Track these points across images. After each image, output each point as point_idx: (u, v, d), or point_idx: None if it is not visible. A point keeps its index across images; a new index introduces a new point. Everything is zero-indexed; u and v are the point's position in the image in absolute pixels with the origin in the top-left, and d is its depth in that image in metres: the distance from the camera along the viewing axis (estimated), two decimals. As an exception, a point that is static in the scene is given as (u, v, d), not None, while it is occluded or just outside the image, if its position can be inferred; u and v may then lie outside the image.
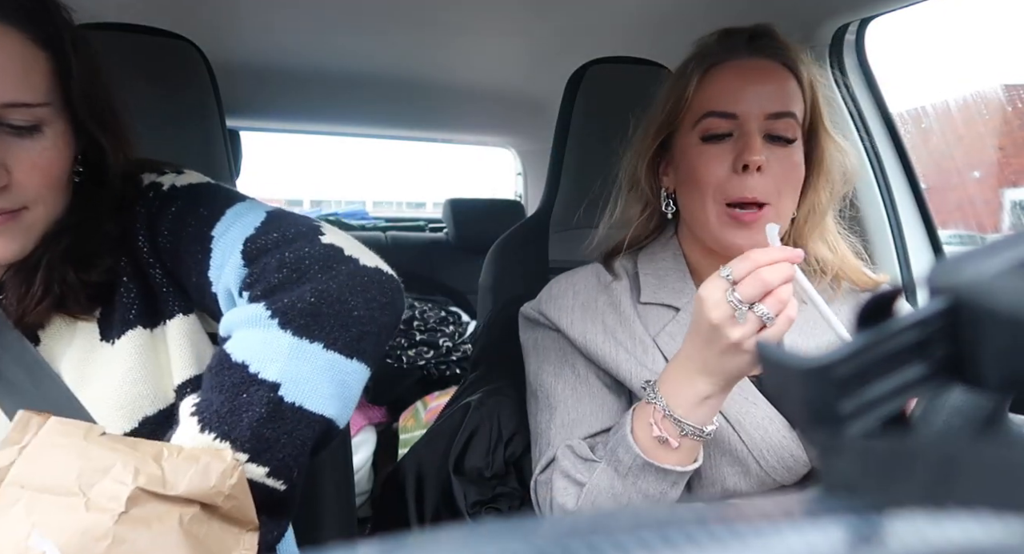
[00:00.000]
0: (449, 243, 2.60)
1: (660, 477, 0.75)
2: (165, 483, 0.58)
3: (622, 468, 0.77)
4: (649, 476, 0.75)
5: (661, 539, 0.16)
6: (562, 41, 1.58)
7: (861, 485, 0.20)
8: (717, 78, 0.84)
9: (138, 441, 0.61)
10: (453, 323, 2.25)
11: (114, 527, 0.55)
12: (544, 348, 0.92)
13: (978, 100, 1.78)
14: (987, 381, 0.20)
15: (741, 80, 0.82)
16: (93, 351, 0.72)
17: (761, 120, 0.81)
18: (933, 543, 0.15)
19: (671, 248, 0.93)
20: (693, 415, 0.73)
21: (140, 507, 0.57)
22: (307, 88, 1.95)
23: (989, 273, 0.20)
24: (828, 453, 0.22)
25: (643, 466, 0.75)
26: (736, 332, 0.67)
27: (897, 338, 0.22)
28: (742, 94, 0.81)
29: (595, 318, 0.89)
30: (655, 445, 0.75)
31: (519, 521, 0.18)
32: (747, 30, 0.85)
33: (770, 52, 0.84)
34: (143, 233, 0.74)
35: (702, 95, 0.84)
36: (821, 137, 0.86)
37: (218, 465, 0.60)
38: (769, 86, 0.82)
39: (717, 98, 0.82)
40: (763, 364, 0.24)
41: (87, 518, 0.56)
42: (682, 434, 0.74)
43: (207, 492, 0.59)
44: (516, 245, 1.25)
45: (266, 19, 1.44)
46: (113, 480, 0.57)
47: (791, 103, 0.83)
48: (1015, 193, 2.33)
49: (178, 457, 0.60)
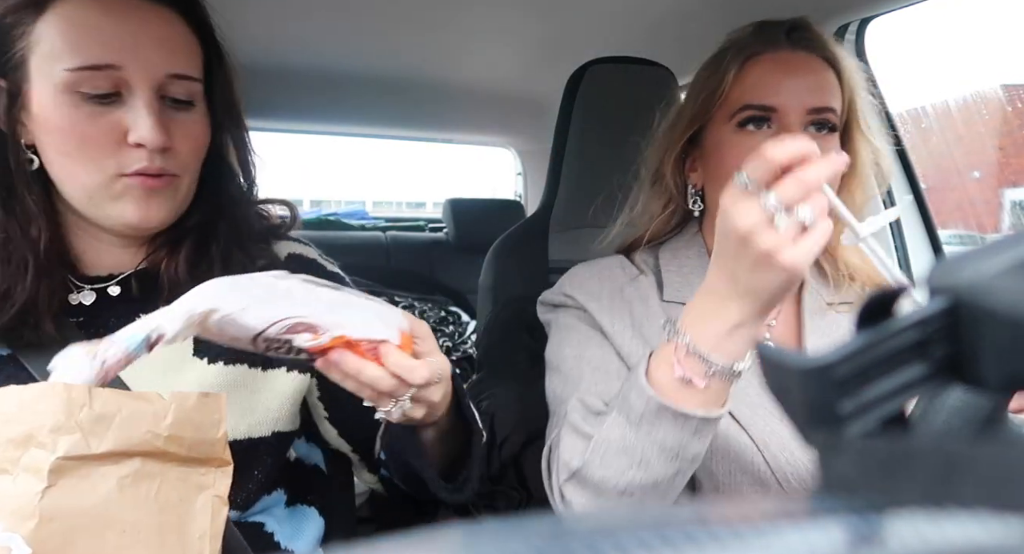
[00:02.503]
0: (449, 243, 2.60)
1: (679, 424, 0.65)
2: (89, 443, 0.53)
3: (634, 415, 0.67)
4: (665, 422, 0.65)
5: (661, 539, 0.16)
6: (562, 41, 1.58)
7: (861, 485, 0.20)
8: (755, 70, 0.80)
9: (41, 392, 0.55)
10: (453, 323, 2.25)
11: (39, 504, 0.51)
12: (567, 326, 0.87)
13: (978, 100, 1.78)
14: (987, 381, 0.20)
15: (780, 72, 0.79)
16: (183, 362, 0.74)
17: (802, 114, 0.78)
18: (933, 543, 0.15)
19: (695, 245, 0.89)
20: (722, 349, 0.63)
21: (67, 477, 0.52)
22: (307, 88, 1.95)
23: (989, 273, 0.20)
24: (828, 453, 0.22)
25: (658, 410, 0.65)
26: (769, 239, 0.57)
27: (897, 338, 0.22)
28: (782, 87, 0.78)
29: (623, 309, 0.85)
30: (676, 387, 0.65)
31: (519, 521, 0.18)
32: (785, 22, 0.82)
33: (809, 45, 0.81)
34: None
35: (739, 87, 0.80)
36: (855, 136, 0.83)
37: (145, 407, 0.55)
38: (810, 78, 0.79)
39: (756, 90, 0.79)
40: (763, 364, 0.24)
41: (16, 497, 0.52)
42: (709, 373, 0.64)
43: (140, 439, 0.54)
44: (516, 245, 1.25)
45: (265, 19, 1.44)
46: (35, 451, 0.52)
47: (831, 98, 0.79)
48: (1015, 193, 2.33)
49: (93, 406, 0.54)
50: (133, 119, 0.66)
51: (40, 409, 0.54)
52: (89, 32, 0.65)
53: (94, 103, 0.66)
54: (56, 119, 0.66)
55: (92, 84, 0.65)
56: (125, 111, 0.67)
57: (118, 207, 0.69)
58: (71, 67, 0.65)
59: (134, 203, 0.69)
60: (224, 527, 0.58)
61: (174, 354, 0.74)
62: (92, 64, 0.65)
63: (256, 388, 0.75)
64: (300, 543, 0.79)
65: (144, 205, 0.69)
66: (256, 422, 0.74)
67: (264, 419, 0.75)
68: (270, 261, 0.80)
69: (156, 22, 0.68)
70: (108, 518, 0.53)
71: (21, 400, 0.54)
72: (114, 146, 0.67)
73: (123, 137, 0.67)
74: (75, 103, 0.65)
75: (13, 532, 0.51)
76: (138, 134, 0.66)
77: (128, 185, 0.68)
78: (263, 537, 0.76)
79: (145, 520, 0.55)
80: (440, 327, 2.20)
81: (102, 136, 0.66)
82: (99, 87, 0.65)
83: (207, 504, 0.58)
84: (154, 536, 0.55)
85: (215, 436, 0.58)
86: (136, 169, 0.67)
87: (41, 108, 0.66)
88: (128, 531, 0.54)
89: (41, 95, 0.66)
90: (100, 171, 0.67)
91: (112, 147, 0.67)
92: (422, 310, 2.24)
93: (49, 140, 0.67)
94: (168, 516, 0.56)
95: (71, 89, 0.65)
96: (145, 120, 0.66)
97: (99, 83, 0.65)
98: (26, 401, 0.54)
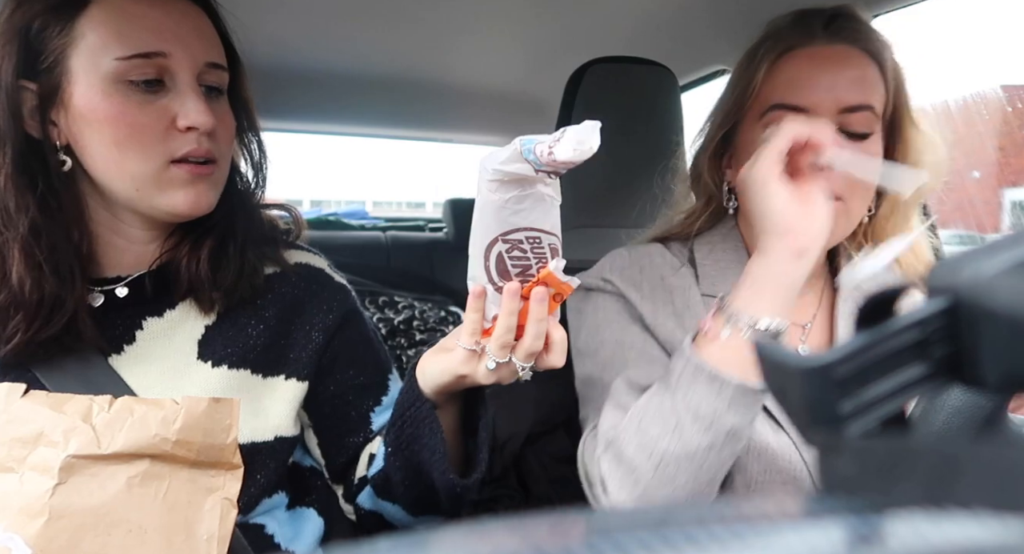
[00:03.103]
0: (449, 243, 2.60)
1: (714, 389, 0.65)
2: (99, 442, 0.54)
3: (672, 378, 0.68)
4: (700, 385, 0.66)
5: (661, 539, 0.16)
6: (562, 41, 1.57)
7: (861, 485, 0.20)
8: (788, 66, 0.77)
9: (64, 399, 0.58)
10: (453, 323, 2.25)
11: (49, 502, 0.52)
12: (605, 311, 0.84)
13: (978, 100, 1.78)
14: (986, 381, 0.20)
15: (814, 68, 0.75)
16: (187, 366, 0.74)
17: (834, 114, 0.74)
18: (933, 543, 0.15)
19: (732, 239, 0.86)
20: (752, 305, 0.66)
21: (77, 475, 0.53)
22: (307, 88, 1.95)
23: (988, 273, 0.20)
24: (828, 453, 0.22)
25: (695, 371, 0.66)
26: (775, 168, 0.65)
27: (897, 338, 0.22)
28: (814, 85, 0.74)
29: (665, 299, 0.82)
30: (717, 357, 0.66)
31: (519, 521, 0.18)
32: (826, 11, 0.78)
33: (849, 36, 0.77)
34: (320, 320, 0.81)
35: (771, 84, 0.77)
36: (906, 129, 0.79)
37: (156, 412, 0.56)
38: (846, 74, 0.75)
39: (786, 89, 0.76)
40: (762, 364, 0.24)
41: (23, 495, 0.52)
42: (729, 323, 0.66)
43: (149, 442, 0.55)
44: (516, 245, 1.24)
45: (264, 19, 1.44)
46: (44, 449, 0.53)
47: (870, 94, 0.75)
48: (1015, 193, 2.33)
49: (110, 411, 0.56)
50: (181, 104, 0.69)
51: (65, 410, 0.55)
52: (138, 21, 0.67)
53: (142, 91, 0.68)
54: (105, 109, 0.67)
55: (140, 72, 0.67)
56: (172, 98, 0.69)
57: (167, 195, 0.70)
58: (121, 55, 0.66)
59: (183, 190, 0.70)
60: (232, 529, 0.58)
61: (178, 358, 0.74)
62: (143, 51, 0.67)
63: (258, 393, 0.76)
64: (300, 544, 0.79)
65: (193, 191, 0.71)
66: (259, 427, 0.74)
67: (266, 424, 0.75)
68: (280, 267, 0.81)
69: (192, 14, 0.71)
70: (116, 517, 0.54)
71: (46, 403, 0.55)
72: (163, 132, 0.68)
73: (171, 123, 0.69)
74: (124, 92, 0.67)
75: (20, 530, 0.51)
76: (189, 118, 0.68)
77: (177, 173, 0.70)
78: (264, 539, 0.76)
79: (153, 521, 0.55)
80: (440, 327, 2.20)
81: (152, 123, 0.68)
82: (147, 74, 0.67)
83: (216, 506, 0.58)
84: (161, 536, 0.55)
85: (225, 441, 0.58)
86: (185, 152, 0.69)
87: (87, 101, 0.67)
88: (135, 531, 0.54)
89: (88, 88, 0.67)
90: (151, 159, 0.68)
91: (162, 133, 0.68)
92: (422, 310, 2.24)
93: (95, 133, 0.68)
94: (176, 517, 0.56)
95: (120, 78, 0.67)
96: (196, 104, 0.69)
97: (147, 70, 0.67)
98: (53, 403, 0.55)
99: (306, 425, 0.84)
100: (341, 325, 0.82)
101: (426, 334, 2.19)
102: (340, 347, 0.82)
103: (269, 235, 0.82)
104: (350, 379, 0.82)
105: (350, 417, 0.82)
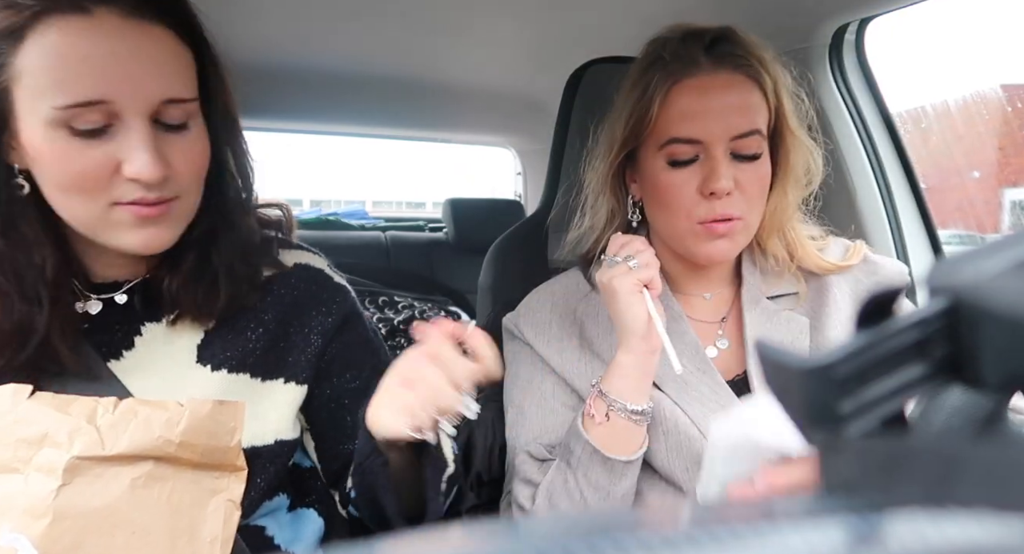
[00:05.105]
0: (449, 243, 2.60)
1: (606, 467, 0.78)
2: (103, 444, 0.54)
3: (574, 459, 0.80)
4: (596, 466, 0.79)
5: (661, 539, 0.16)
6: (562, 41, 1.57)
7: (861, 485, 0.20)
8: (679, 98, 0.81)
9: (70, 400, 0.58)
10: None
11: (53, 503, 0.52)
12: (517, 362, 0.93)
13: (978, 100, 1.78)
14: (987, 381, 0.20)
15: (704, 100, 0.80)
16: (188, 369, 0.73)
17: (726, 142, 0.80)
18: (933, 543, 0.15)
19: None
20: (618, 389, 0.78)
21: (81, 476, 0.53)
22: (307, 88, 1.95)
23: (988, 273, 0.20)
24: (828, 453, 0.22)
25: (591, 455, 0.78)
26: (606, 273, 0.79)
27: (897, 338, 0.21)
28: (705, 117, 0.80)
29: (572, 330, 0.91)
30: (602, 435, 0.79)
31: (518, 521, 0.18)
32: (707, 33, 0.83)
33: (730, 61, 0.82)
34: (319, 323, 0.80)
35: (665, 117, 0.82)
36: (787, 140, 0.85)
37: (160, 414, 0.56)
38: (732, 103, 0.80)
39: (680, 123, 0.81)
40: (763, 364, 0.24)
41: (28, 496, 0.52)
42: (612, 409, 0.78)
43: (153, 444, 0.55)
44: (516, 245, 1.25)
45: (264, 19, 1.44)
46: (49, 450, 0.53)
47: (756, 119, 0.81)
48: (1015, 193, 2.33)
49: (114, 413, 0.56)
50: (127, 152, 0.63)
51: (70, 411, 0.55)
52: (75, 65, 0.60)
53: (86, 137, 0.62)
54: (47, 152, 0.63)
55: (83, 119, 0.61)
56: (118, 143, 0.63)
57: (116, 235, 0.67)
58: (60, 105, 0.60)
59: (132, 232, 0.67)
60: (235, 531, 0.58)
61: (178, 362, 0.73)
62: (84, 101, 0.61)
63: (258, 397, 0.75)
64: (300, 545, 0.79)
65: (143, 232, 0.67)
66: (259, 430, 0.74)
67: (266, 428, 0.75)
68: (276, 270, 0.80)
69: (146, 44, 0.63)
70: (119, 518, 0.54)
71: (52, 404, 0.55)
72: (108, 179, 0.64)
73: (117, 169, 0.64)
74: (66, 138, 0.62)
75: (24, 531, 0.51)
76: (134, 168, 0.63)
77: (122, 215, 0.65)
78: (264, 540, 0.76)
79: (156, 522, 0.55)
80: (440, 327, 2.20)
81: (96, 169, 0.63)
82: (91, 122, 0.62)
83: (219, 508, 0.58)
84: (164, 538, 0.55)
85: (229, 443, 0.58)
86: (132, 199, 0.65)
87: (29, 141, 0.63)
88: (138, 532, 0.54)
89: (30, 130, 0.62)
90: (94, 203, 0.65)
91: (106, 180, 0.64)
92: (422, 310, 2.24)
93: (41, 172, 0.64)
94: (180, 519, 0.56)
95: (62, 124, 0.61)
96: (141, 154, 0.63)
97: (90, 118, 0.62)
98: (59, 405, 0.55)
99: (304, 428, 0.84)
100: (340, 328, 0.82)
101: (426, 334, 2.19)
102: (338, 350, 0.82)
103: (262, 245, 0.80)
104: (347, 383, 0.82)
105: (345, 423, 0.82)
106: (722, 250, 0.84)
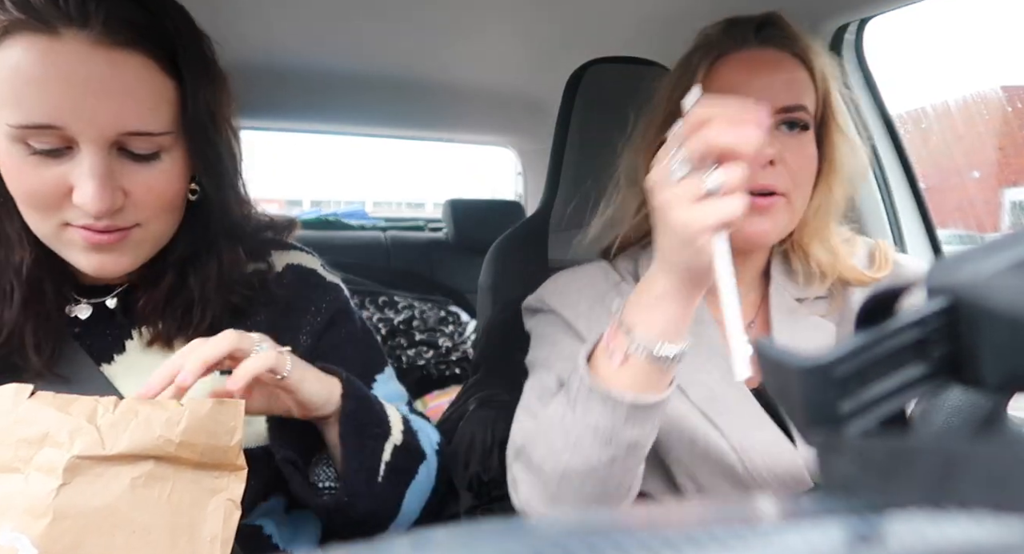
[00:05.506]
0: (449, 243, 2.60)
1: (608, 407, 0.64)
2: (104, 443, 0.54)
3: (571, 394, 0.68)
4: (595, 404, 0.65)
5: (661, 540, 0.16)
6: (562, 41, 1.57)
7: (861, 485, 0.20)
8: (724, 71, 0.80)
9: (71, 400, 0.58)
10: (453, 323, 2.25)
11: (53, 503, 0.52)
12: (542, 332, 0.88)
13: (978, 100, 1.78)
14: (986, 381, 0.20)
15: (749, 73, 0.78)
16: None
17: (772, 114, 0.77)
18: (933, 543, 0.15)
19: None
20: (646, 323, 0.63)
21: (81, 475, 0.53)
22: (306, 88, 1.95)
23: (987, 273, 0.20)
24: (828, 453, 0.22)
25: (588, 392, 0.65)
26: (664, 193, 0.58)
27: (897, 338, 0.21)
28: (751, 87, 0.77)
29: (602, 316, 0.83)
30: (613, 371, 0.65)
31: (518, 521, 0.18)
32: (755, 19, 0.82)
33: (779, 42, 0.80)
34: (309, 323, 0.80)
35: (709, 89, 0.76)
36: (833, 132, 0.82)
37: (160, 413, 0.56)
38: (779, 77, 0.78)
39: (724, 91, 0.77)
40: (763, 364, 0.24)
41: (28, 496, 0.52)
42: (632, 348, 0.63)
43: (153, 444, 0.55)
44: (516, 245, 1.25)
45: (264, 18, 1.44)
46: (49, 450, 0.53)
47: (803, 95, 0.79)
48: (1015, 193, 2.33)
49: (115, 412, 0.56)
50: (77, 179, 0.61)
51: (71, 411, 0.55)
52: (32, 86, 0.59)
53: (43, 155, 0.61)
54: (7, 166, 0.63)
55: (38, 140, 0.61)
56: (72, 167, 0.62)
57: (69, 254, 0.66)
58: (13, 123, 0.60)
59: (84, 254, 0.65)
60: (235, 531, 0.58)
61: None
62: (35, 123, 0.60)
63: None
64: (299, 545, 0.79)
65: (96, 257, 0.66)
66: (251, 432, 0.74)
67: (259, 429, 0.75)
68: (260, 279, 0.78)
69: (113, 73, 0.61)
70: (119, 518, 0.54)
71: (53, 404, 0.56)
72: (59, 200, 0.63)
73: (69, 192, 0.62)
74: (22, 154, 0.61)
75: (24, 530, 0.51)
76: (79, 197, 0.61)
77: (73, 236, 0.64)
78: (262, 539, 0.76)
79: (156, 522, 0.55)
80: (440, 327, 2.20)
81: (48, 189, 0.62)
82: (47, 142, 0.61)
83: (219, 507, 0.58)
84: (165, 537, 0.55)
85: (229, 443, 0.58)
86: (81, 224, 0.63)
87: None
88: (138, 532, 0.54)
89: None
90: (47, 220, 0.64)
91: (57, 201, 0.63)
92: (422, 310, 2.24)
93: (6, 181, 0.64)
94: (180, 519, 0.56)
95: (18, 140, 0.61)
96: (87, 184, 0.61)
97: (46, 139, 0.61)
98: (60, 404, 0.56)
99: None
100: (328, 326, 0.81)
101: (426, 334, 2.19)
102: (326, 347, 0.81)
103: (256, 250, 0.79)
104: None
105: None
106: (760, 231, 0.76)
